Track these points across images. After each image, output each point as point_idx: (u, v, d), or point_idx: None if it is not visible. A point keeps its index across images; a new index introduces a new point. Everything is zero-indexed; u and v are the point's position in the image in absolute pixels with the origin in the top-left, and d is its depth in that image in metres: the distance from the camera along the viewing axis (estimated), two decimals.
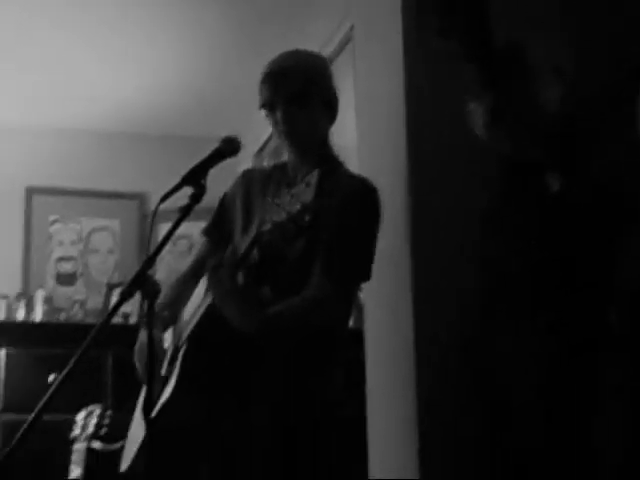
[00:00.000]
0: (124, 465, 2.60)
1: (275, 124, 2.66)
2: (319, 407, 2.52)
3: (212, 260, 2.64)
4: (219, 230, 2.81)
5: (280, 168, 2.76)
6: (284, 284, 2.49)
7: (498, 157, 1.93)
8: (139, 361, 2.69)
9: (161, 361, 2.60)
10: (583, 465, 1.93)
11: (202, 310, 2.40)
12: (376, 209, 2.60)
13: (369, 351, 3.28)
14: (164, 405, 2.40)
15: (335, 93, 2.72)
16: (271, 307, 2.41)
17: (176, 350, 2.52)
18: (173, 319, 2.69)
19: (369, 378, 3.24)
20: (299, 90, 2.63)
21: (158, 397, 2.46)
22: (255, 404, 2.46)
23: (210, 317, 2.36)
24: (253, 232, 2.55)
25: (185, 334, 2.48)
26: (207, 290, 2.45)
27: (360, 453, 3.23)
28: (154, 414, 2.36)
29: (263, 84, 2.65)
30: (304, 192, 2.15)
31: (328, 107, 2.70)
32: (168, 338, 2.71)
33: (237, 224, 2.73)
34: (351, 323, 2.97)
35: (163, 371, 2.56)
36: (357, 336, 3.37)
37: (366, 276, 2.59)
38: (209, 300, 2.38)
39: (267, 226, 2.29)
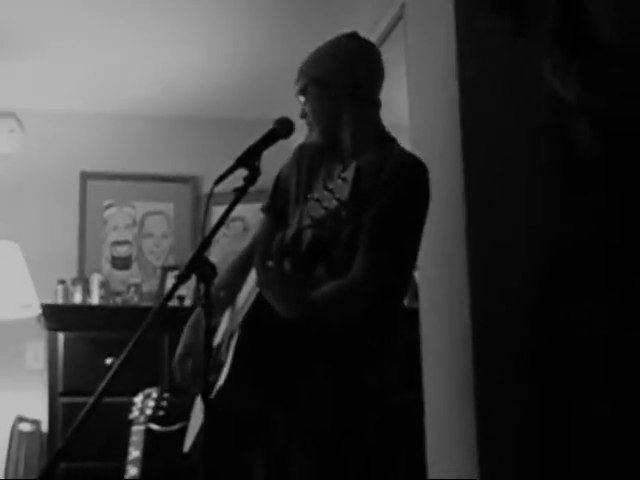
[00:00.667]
0: (187, 446, 2.60)
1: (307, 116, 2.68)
2: (372, 394, 2.49)
3: (260, 245, 2.63)
4: (276, 208, 2.80)
5: (333, 144, 2.75)
6: (337, 265, 2.47)
7: (578, 121, 1.89)
8: (179, 368, 2.70)
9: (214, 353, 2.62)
10: None
11: (253, 297, 2.39)
12: (424, 186, 2.56)
13: (424, 332, 3.25)
14: (218, 391, 2.40)
15: (367, 75, 2.70)
16: (320, 290, 2.38)
17: (230, 336, 2.52)
18: (230, 300, 2.68)
19: (425, 360, 3.22)
20: (319, 78, 2.64)
21: (214, 382, 2.47)
22: (307, 392, 2.46)
23: (261, 305, 2.34)
24: (296, 224, 2.55)
25: (238, 320, 2.48)
26: (255, 279, 2.43)
27: (415, 440, 3.22)
28: (217, 393, 2.38)
29: (298, 74, 2.68)
30: (341, 188, 2.11)
31: (359, 90, 2.68)
32: (225, 319, 2.72)
33: (292, 202, 2.72)
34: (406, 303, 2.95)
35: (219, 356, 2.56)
36: (413, 315, 3.34)
37: (412, 257, 2.56)
38: (256, 289, 2.37)
39: (307, 221, 2.29)
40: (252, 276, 2.47)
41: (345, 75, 2.63)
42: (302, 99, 2.68)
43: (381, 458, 2.47)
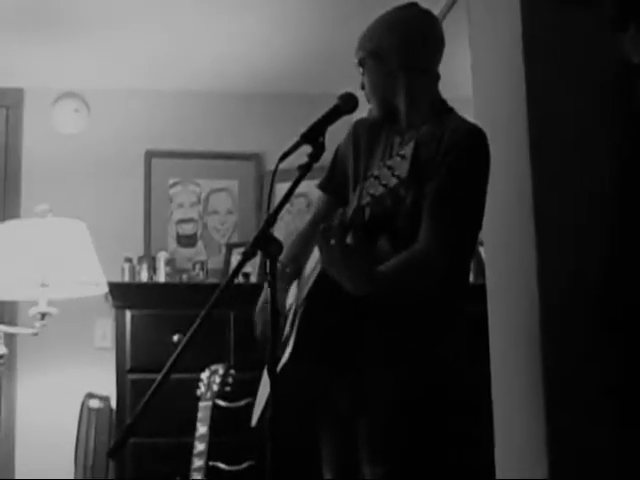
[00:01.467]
0: (254, 420, 2.62)
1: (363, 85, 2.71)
2: (440, 364, 2.49)
3: (325, 221, 2.63)
4: (334, 184, 2.81)
5: (392, 116, 2.75)
6: (400, 239, 2.48)
7: None
8: (259, 320, 2.72)
9: (282, 325, 2.62)
10: None
11: (316, 273, 2.40)
12: (485, 156, 2.55)
13: (491, 309, 3.22)
14: (283, 367, 2.41)
15: (424, 46, 2.69)
16: (384, 264, 2.38)
17: (295, 312, 2.53)
18: (296, 274, 2.71)
19: (492, 337, 3.19)
20: (376, 50, 2.64)
21: (280, 357, 2.48)
22: (371, 366, 2.46)
23: (322, 282, 2.35)
24: (354, 200, 2.54)
25: (302, 295, 2.49)
26: (318, 255, 2.44)
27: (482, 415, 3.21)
28: (281, 369, 2.39)
29: (357, 46, 2.70)
30: (400, 165, 2.10)
31: (416, 61, 2.66)
32: (292, 292, 2.73)
33: (350, 178, 2.73)
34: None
35: (286, 330, 2.57)
36: (479, 291, 3.31)
37: (476, 225, 2.56)
38: (319, 265, 2.37)
39: (367, 199, 2.26)
40: (315, 253, 2.47)
41: (400, 47, 2.64)
42: (361, 71, 2.70)
43: (444, 428, 2.48)
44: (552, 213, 2.92)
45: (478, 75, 3.43)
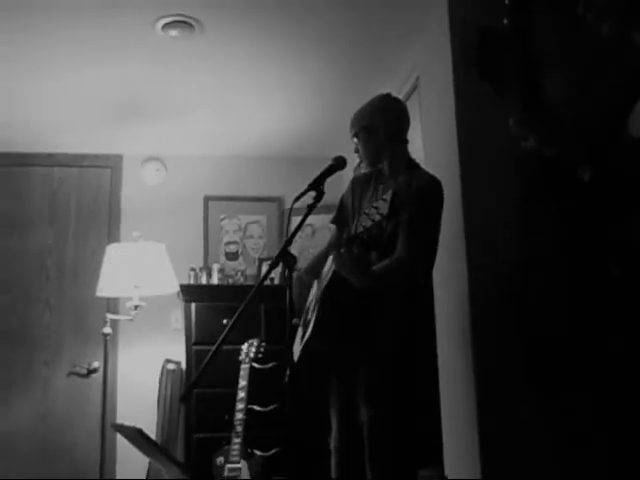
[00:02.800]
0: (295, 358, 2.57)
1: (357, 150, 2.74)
2: (411, 337, 2.54)
3: (338, 241, 2.76)
4: (340, 220, 2.87)
5: (378, 171, 2.76)
6: (383, 252, 2.54)
7: (537, 159, 1.85)
8: (295, 290, 2.72)
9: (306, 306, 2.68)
10: None
11: (330, 272, 2.45)
12: (440, 197, 2.63)
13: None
14: (306, 341, 2.43)
15: (396, 124, 2.74)
16: (374, 266, 2.48)
17: (315, 301, 2.57)
18: (313, 278, 2.74)
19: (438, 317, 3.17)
20: (358, 131, 2.71)
21: (304, 334, 2.51)
22: (367, 344, 2.49)
23: (335, 279, 2.42)
24: (355, 229, 2.62)
25: (321, 288, 2.53)
26: (332, 261, 2.50)
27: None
28: (304, 341, 2.43)
29: (350, 123, 2.72)
30: (382, 206, 2.24)
31: (389, 137, 2.68)
32: (314, 288, 2.77)
33: (351, 215, 2.78)
34: None
35: (309, 314, 2.60)
36: None
37: (434, 243, 2.58)
38: (333, 266, 2.43)
39: (360, 228, 2.38)
40: (328, 262, 2.53)
41: (384, 125, 2.70)
42: (355, 140, 2.73)
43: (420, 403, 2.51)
44: (477, 230, 2.92)
45: (427, 140, 3.44)
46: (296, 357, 2.53)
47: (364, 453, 2.42)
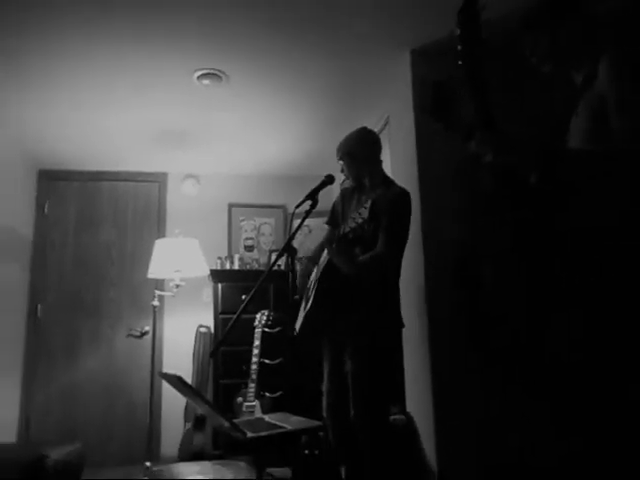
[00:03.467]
0: (296, 329, 2.59)
1: (342, 170, 2.72)
2: (387, 325, 2.52)
3: (331, 238, 2.73)
4: (333, 221, 2.85)
5: (360, 185, 2.78)
6: (366, 246, 2.50)
7: (489, 171, 1.81)
8: (299, 283, 2.73)
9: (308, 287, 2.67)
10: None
11: (325, 261, 2.45)
12: (409, 206, 2.61)
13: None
14: (307, 313, 2.43)
15: (370, 149, 2.71)
16: (359, 258, 2.46)
17: (313, 283, 2.56)
18: (314, 265, 2.71)
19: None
20: (342, 157, 2.69)
21: (306, 306, 2.50)
22: (352, 315, 2.48)
23: (329, 266, 2.41)
24: (344, 229, 2.59)
25: (318, 273, 2.53)
26: (327, 253, 2.49)
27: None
28: (306, 311, 2.42)
29: (337, 150, 2.71)
30: (364, 212, 2.32)
31: (367, 161, 2.68)
32: (313, 273, 2.76)
33: (340, 218, 2.77)
34: None
35: (308, 293, 2.60)
36: None
37: (404, 241, 2.56)
38: (328, 257, 2.42)
39: (348, 229, 2.47)
40: (324, 254, 2.53)
41: (362, 151, 2.68)
42: (341, 163, 2.72)
43: (390, 360, 2.50)
44: (432, 230, 2.92)
45: (394, 163, 3.44)
46: (299, 323, 2.53)
47: (347, 396, 2.43)
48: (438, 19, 2.85)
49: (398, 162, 3.35)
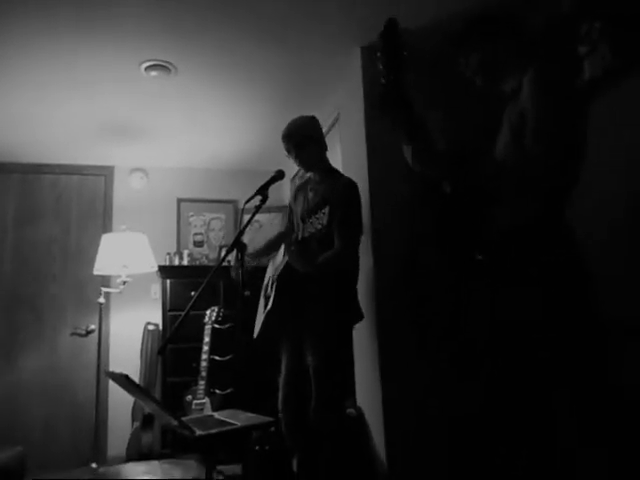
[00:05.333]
0: (255, 333, 2.59)
1: (294, 161, 2.71)
2: (343, 318, 2.55)
3: (288, 236, 2.70)
4: (291, 220, 2.86)
5: (307, 180, 2.80)
6: (323, 244, 2.52)
7: (417, 175, 1.90)
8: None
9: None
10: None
11: (283, 263, 2.45)
12: (358, 196, 2.62)
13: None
14: (268, 312, 2.43)
15: (319, 135, 2.71)
16: (317, 257, 2.47)
17: (272, 281, 2.56)
18: (263, 257, 2.75)
19: None
20: (298, 141, 2.62)
21: (265, 307, 2.50)
22: (313, 312, 2.50)
23: (288, 267, 2.42)
24: (300, 231, 2.63)
25: (275, 274, 2.52)
26: (284, 253, 2.50)
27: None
28: (266, 312, 2.42)
29: (282, 140, 2.70)
30: (322, 218, 2.39)
31: (319, 144, 2.71)
32: (269, 271, 2.74)
33: (294, 218, 2.78)
34: None
35: (268, 291, 2.59)
36: None
37: (360, 233, 2.60)
38: (286, 258, 2.43)
39: (307, 233, 2.52)
40: (280, 255, 2.53)
41: (312, 139, 2.69)
42: (286, 154, 2.71)
43: (340, 336, 2.52)
44: (380, 220, 2.96)
45: (345, 160, 3.46)
46: (259, 326, 2.54)
47: (303, 390, 2.47)
48: (389, 16, 2.89)
49: (349, 159, 3.39)
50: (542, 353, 1.57)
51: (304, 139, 2.64)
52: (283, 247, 2.53)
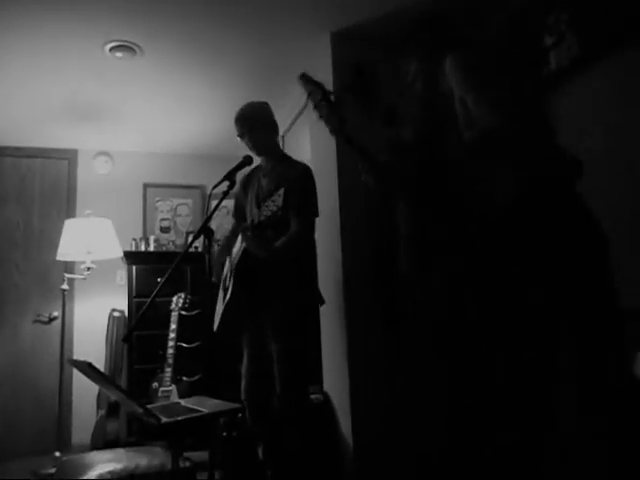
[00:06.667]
0: (215, 326, 2.56)
1: (246, 144, 2.69)
2: (305, 302, 2.56)
3: (240, 226, 2.69)
4: (238, 214, 2.84)
5: (257, 167, 2.78)
6: (278, 230, 2.50)
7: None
8: (215, 265, 2.72)
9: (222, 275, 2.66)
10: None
11: (240, 250, 2.44)
12: (313, 181, 2.62)
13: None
14: (227, 302, 2.41)
15: (272, 120, 2.69)
16: (274, 242, 2.45)
17: (230, 272, 2.55)
18: (228, 252, 2.70)
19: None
20: (251, 125, 2.62)
21: (224, 299, 2.49)
22: (272, 298, 2.49)
23: (245, 254, 2.40)
24: (255, 216, 2.57)
25: (234, 263, 2.51)
26: (241, 240, 2.48)
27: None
28: (225, 303, 2.40)
29: (235, 123, 2.68)
30: (278, 200, 2.42)
31: (271, 128, 2.66)
32: (228, 261, 2.73)
33: (248, 207, 2.75)
34: None
35: (227, 281, 2.58)
36: None
37: (315, 217, 2.59)
38: (243, 245, 2.41)
39: (263, 217, 2.50)
40: (238, 240, 2.51)
41: (265, 124, 2.68)
42: (239, 139, 2.70)
43: (311, 338, 2.54)
44: (349, 215, 2.97)
45: (314, 146, 3.45)
46: (219, 318, 2.52)
47: (267, 377, 2.46)
48: (358, 1, 2.88)
49: (318, 144, 3.38)
50: (546, 342, 1.49)
51: (256, 123, 2.64)
52: (240, 235, 2.51)
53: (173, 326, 3.67)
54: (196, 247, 4.35)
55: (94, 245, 3.92)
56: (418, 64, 1.85)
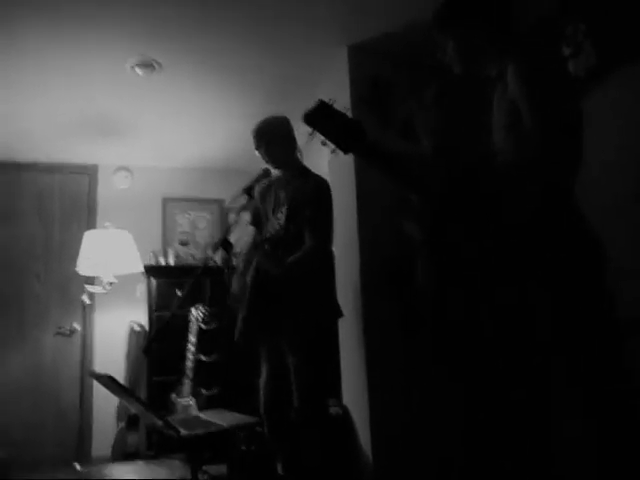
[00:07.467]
0: (235, 338, 2.55)
1: (263, 157, 2.68)
2: (321, 320, 2.53)
3: (258, 236, 2.69)
4: (256, 223, 2.81)
5: (276, 179, 2.73)
6: (287, 247, 2.49)
7: None
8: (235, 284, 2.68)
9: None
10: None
11: (254, 265, 2.43)
12: (329, 195, 2.60)
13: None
14: (243, 317, 2.41)
15: (290, 134, 2.66)
16: (289, 258, 2.43)
17: (247, 286, 2.55)
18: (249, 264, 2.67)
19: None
20: (270, 138, 2.60)
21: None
22: (290, 313, 2.47)
23: (259, 270, 2.38)
24: (267, 231, 2.58)
25: (249, 279, 2.51)
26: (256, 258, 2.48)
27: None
28: (241, 320, 2.40)
29: (253, 136, 2.66)
30: (280, 218, 2.39)
31: (288, 143, 2.62)
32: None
33: (263, 218, 2.75)
34: None
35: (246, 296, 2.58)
36: None
37: (331, 230, 2.57)
38: (256, 263, 2.42)
39: (268, 234, 2.53)
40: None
41: (283, 137, 2.66)
42: (257, 153, 2.68)
43: (330, 351, 2.53)
44: (368, 230, 2.96)
45: (332, 161, 3.46)
46: (238, 331, 2.53)
47: (285, 391, 2.46)
48: (375, 16, 2.90)
49: (335, 158, 3.38)
50: (549, 350, 1.50)
51: (274, 137, 2.64)
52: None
53: (192, 339, 3.69)
54: (215, 260, 4.37)
55: (115, 259, 3.96)
56: (456, 43, 1.81)
